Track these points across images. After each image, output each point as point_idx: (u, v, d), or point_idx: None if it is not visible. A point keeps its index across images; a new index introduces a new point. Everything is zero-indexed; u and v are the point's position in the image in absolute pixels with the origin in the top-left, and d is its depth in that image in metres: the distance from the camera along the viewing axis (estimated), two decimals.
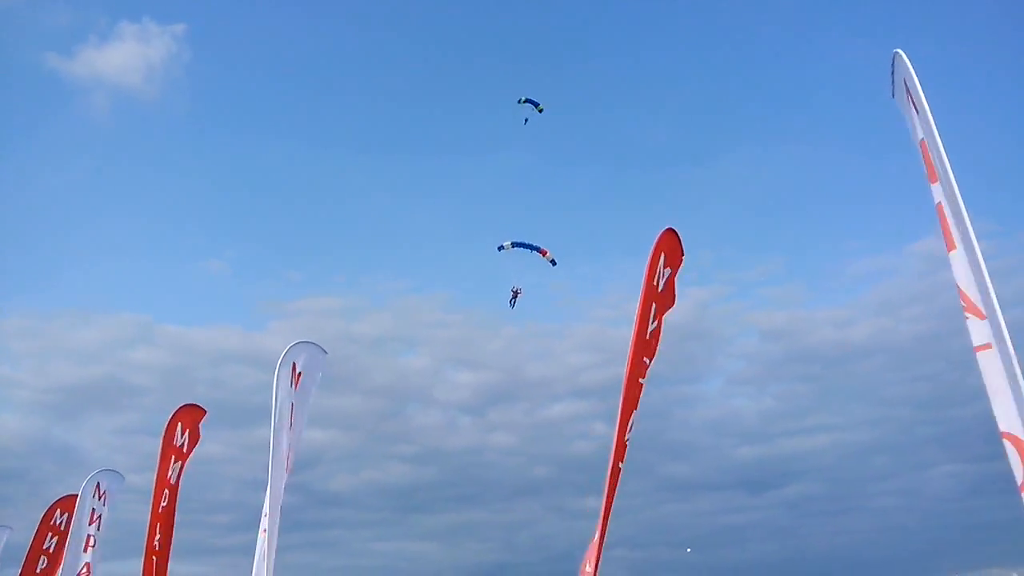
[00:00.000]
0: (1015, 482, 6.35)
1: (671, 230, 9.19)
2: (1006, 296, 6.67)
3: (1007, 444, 6.39)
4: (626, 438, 8.30)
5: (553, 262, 32.10)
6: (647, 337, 8.65)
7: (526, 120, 31.62)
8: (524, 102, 30.61)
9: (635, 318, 8.51)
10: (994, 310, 6.50)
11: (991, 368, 6.67)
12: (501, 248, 31.77)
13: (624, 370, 8.24)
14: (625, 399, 8.10)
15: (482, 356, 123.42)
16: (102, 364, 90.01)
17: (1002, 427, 6.47)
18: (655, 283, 8.79)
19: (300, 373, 11.87)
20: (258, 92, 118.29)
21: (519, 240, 31.43)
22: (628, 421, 8.06)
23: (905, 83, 7.58)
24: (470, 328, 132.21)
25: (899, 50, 7.59)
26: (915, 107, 7.50)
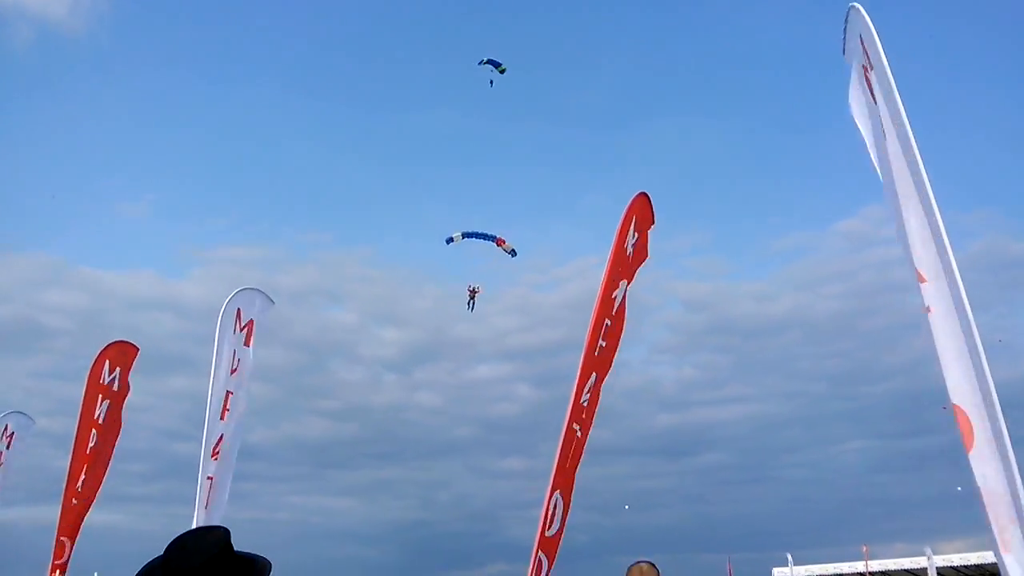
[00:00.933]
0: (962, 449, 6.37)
1: (644, 194, 9.13)
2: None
3: (957, 411, 6.39)
4: (582, 400, 8.22)
5: (513, 252, 31.09)
6: (611, 298, 8.61)
7: (491, 82, 30.91)
8: (485, 63, 29.72)
9: (602, 279, 8.47)
10: (952, 273, 6.51)
11: (941, 333, 6.62)
12: (450, 240, 30.56)
13: (584, 337, 8.19)
14: (584, 361, 8.05)
15: (408, 314, 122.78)
16: (14, 304, 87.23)
17: (950, 394, 6.45)
18: (625, 247, 8.71)
19: (246, 321, 11.53)
20: (185, 32, 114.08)
21: (471, 231, 30.22)
22: (585, 383, 7.99)
23: (861, 38, 7.55)
24: (395, 285, 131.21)
25: (856, 3, 7.54)
26: (869, 61, 7.50)
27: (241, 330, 11.24)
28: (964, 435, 6.28)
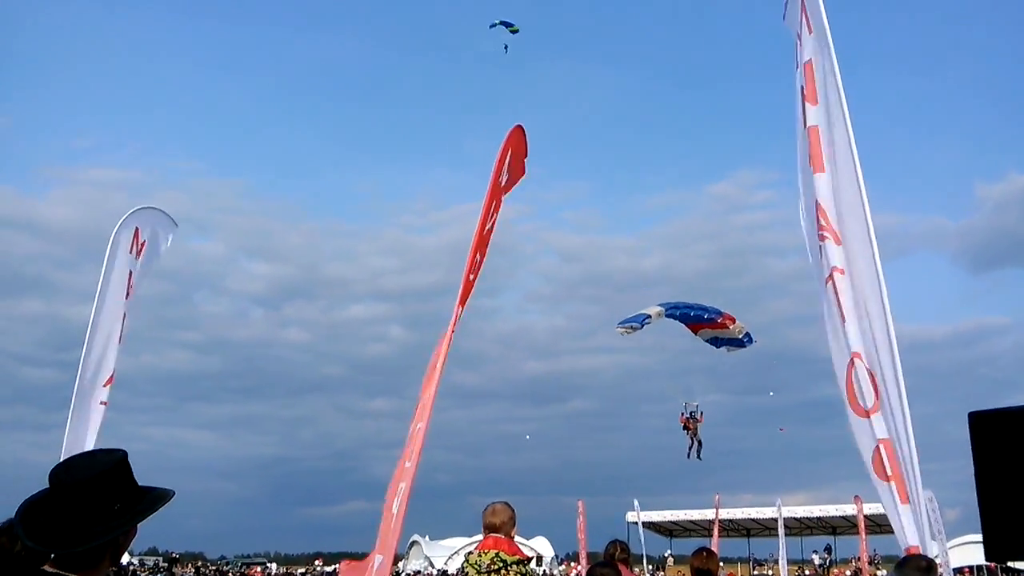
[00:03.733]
0: (862, 406, 6.55)
1: (519, 127, 9.48)
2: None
3: (856, 364, 6.58)
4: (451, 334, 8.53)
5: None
6: (484, 233, 9.03)
7: (506, 47, 29.21)
8: (498, 24, 28.09)
9: (480, 212, 8.90)
10: (866, 234, 6.65)
11: (847, 295, 6.75)
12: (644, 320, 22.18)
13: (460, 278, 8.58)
14: (462, 296, 8.41)
15: (280, 249, 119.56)
16: None
17: (853, 349, 6.62)
18: (500, 180, 9.15)
19: (143, 242, 11.45)
20: None
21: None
22: (457, 318, 8.35)
23: (803, 4, 7.60)
24: (269, 218, 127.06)
25: None
26: (809, 26, 7.54)
27: (138, 252, 11.07)
28: (865, 394, 6.45)
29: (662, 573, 54.50)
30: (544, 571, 52.11)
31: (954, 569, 31.17)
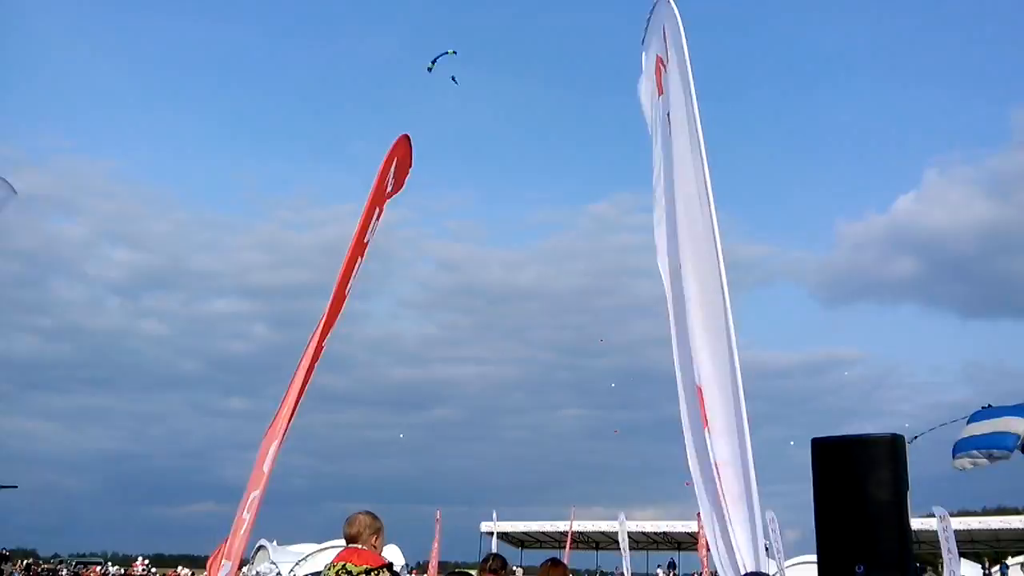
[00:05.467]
0: (698, 427, 6.71)
1: (405, 136, 9.47)
2: None
3: (706, 386, 6.69)
4: (324, 342, 8.16)
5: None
6: (364, 241, 8.94)
7: (454, 78, 27.72)
8: (432, 66, 26.67)
9: (359, 219, 8.79)
10: (718, 268, 6.69)
11: (696, 320, 6.90)
12: None
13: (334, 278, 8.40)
14: (334, 300, 8.20)
15: (146, 236, 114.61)
16: None
17: (699, 375, 6.74)
18: (384, 186, 9.07)
19: None
20: None
21: None
22: (333, 324, 8.08)
23: (664, 30, 7.61)
24: (137, 203, 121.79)
25: None
26: (667, 55, 7.56)
27: None
28: (702, 414, 6.59)
29: None
30: None
31: None
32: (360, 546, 5.90)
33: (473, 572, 7.83)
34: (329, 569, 5.85)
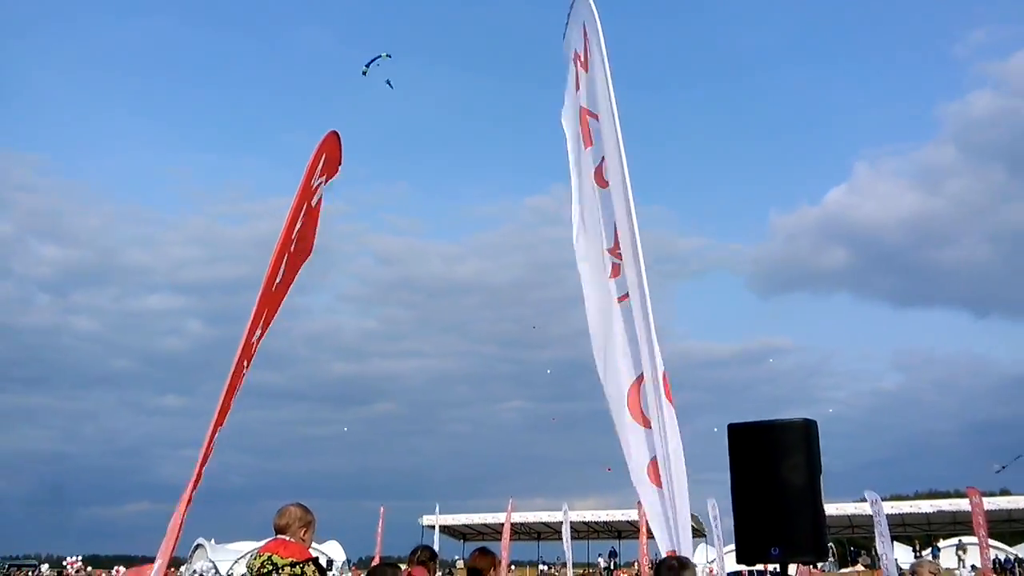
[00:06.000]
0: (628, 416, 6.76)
1: (334, 133, 9.39)
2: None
3: (646, 377, 6.75)
4: (254, 339, 7.96)
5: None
6: (293, 236, 8.83)
7: (389, 82, 27.60)
8: (368, 67, 26.05)
9: (288, 212, 8.68)
10: (640, 263, 6.76)
11: (636, 311, 6.89)
12: None
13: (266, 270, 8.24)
14: (261, 298, 7.95)
15: (74, 231, 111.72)
16: None
17: (642, 362, 6.78)
18: (311, 183, 8.97)
19: None
20: None
21: None
22: (260, 320, 7.85)
23: (584, 27, 7.63)
24: (65, 198, 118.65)
25: None
26: (587, 51, 7.59)
27: None
28: (650, 408, 6.61)
29: None
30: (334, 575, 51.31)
31: (730, 573, 33.21)
32: (288, 538, 5.88)
33: (403, 566, 7.83)
34: (255, 559, 5.83)
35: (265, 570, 5.64)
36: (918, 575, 5.77)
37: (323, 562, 6.52)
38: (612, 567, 54.03)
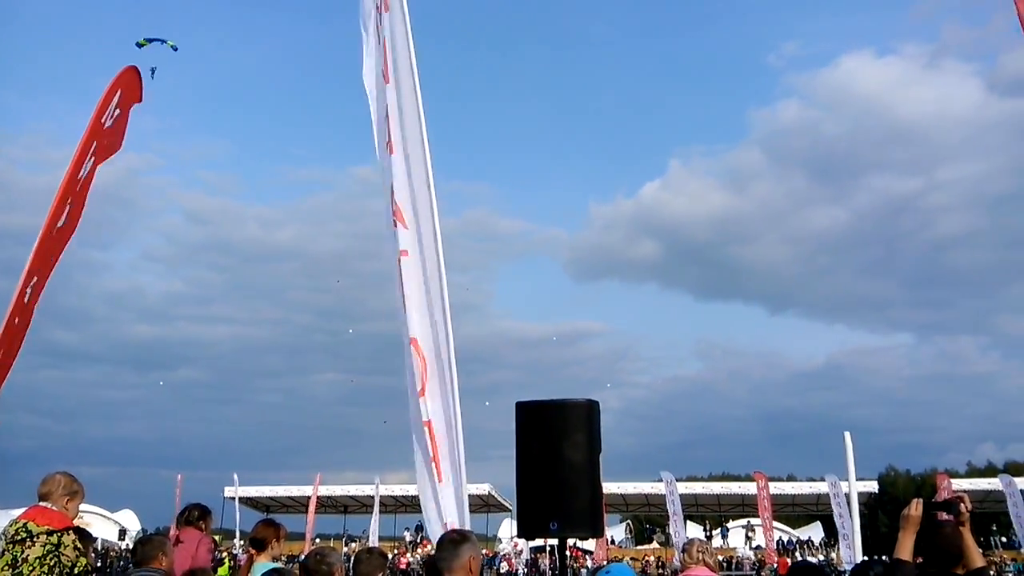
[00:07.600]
0: (415, 387, 6.67)
1: (133, 68, 8.71)
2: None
3: (412, 349, 6.66)
4: (26, 298, 7.14)
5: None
6: (77, 179, 8.13)
7: (152, 71, 25.25)
8: (147, 43, 24.20)
9: (72, 157, 7.99)
10: (430, 218, 6.79)
11: (411, 277, 6.85)
12: None
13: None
14: (38, 251, 7.18)
15: None
16: None
17: (411, 333, 6.70)
18: (103, 121, 8.27)
19: None
20: None
21: None
22: (34, 276, 7.06)
23: None
24: None
25: None
26: (386, 5, 7.52)
27: None
28: (420, 374, 6.59)
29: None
30: (126, 545, 49.15)
31: (534, 547, 34.14)
32: (50, 505, 5.67)
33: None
34: (10, 526, 5.57)
35: (19, 537, 5.44)
36: (688, 552, 6.00)
37: (116, 532, 6.16)
38: (418, 541, 54.30)
